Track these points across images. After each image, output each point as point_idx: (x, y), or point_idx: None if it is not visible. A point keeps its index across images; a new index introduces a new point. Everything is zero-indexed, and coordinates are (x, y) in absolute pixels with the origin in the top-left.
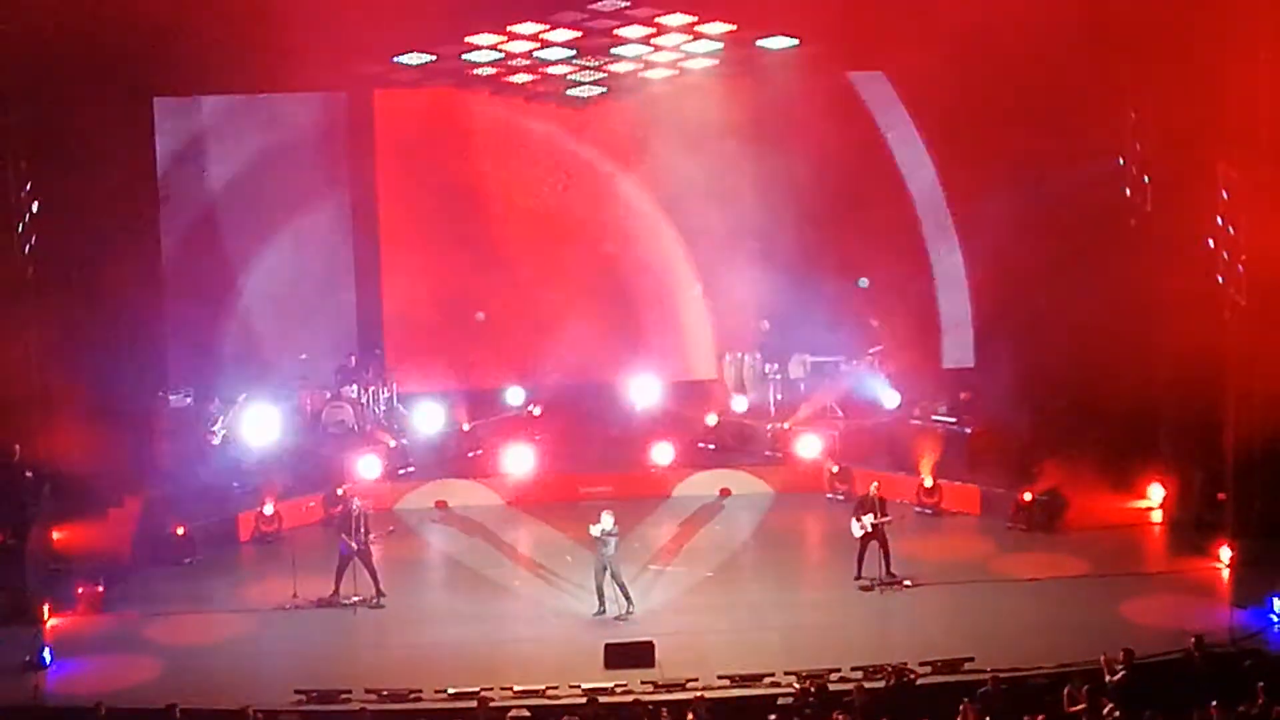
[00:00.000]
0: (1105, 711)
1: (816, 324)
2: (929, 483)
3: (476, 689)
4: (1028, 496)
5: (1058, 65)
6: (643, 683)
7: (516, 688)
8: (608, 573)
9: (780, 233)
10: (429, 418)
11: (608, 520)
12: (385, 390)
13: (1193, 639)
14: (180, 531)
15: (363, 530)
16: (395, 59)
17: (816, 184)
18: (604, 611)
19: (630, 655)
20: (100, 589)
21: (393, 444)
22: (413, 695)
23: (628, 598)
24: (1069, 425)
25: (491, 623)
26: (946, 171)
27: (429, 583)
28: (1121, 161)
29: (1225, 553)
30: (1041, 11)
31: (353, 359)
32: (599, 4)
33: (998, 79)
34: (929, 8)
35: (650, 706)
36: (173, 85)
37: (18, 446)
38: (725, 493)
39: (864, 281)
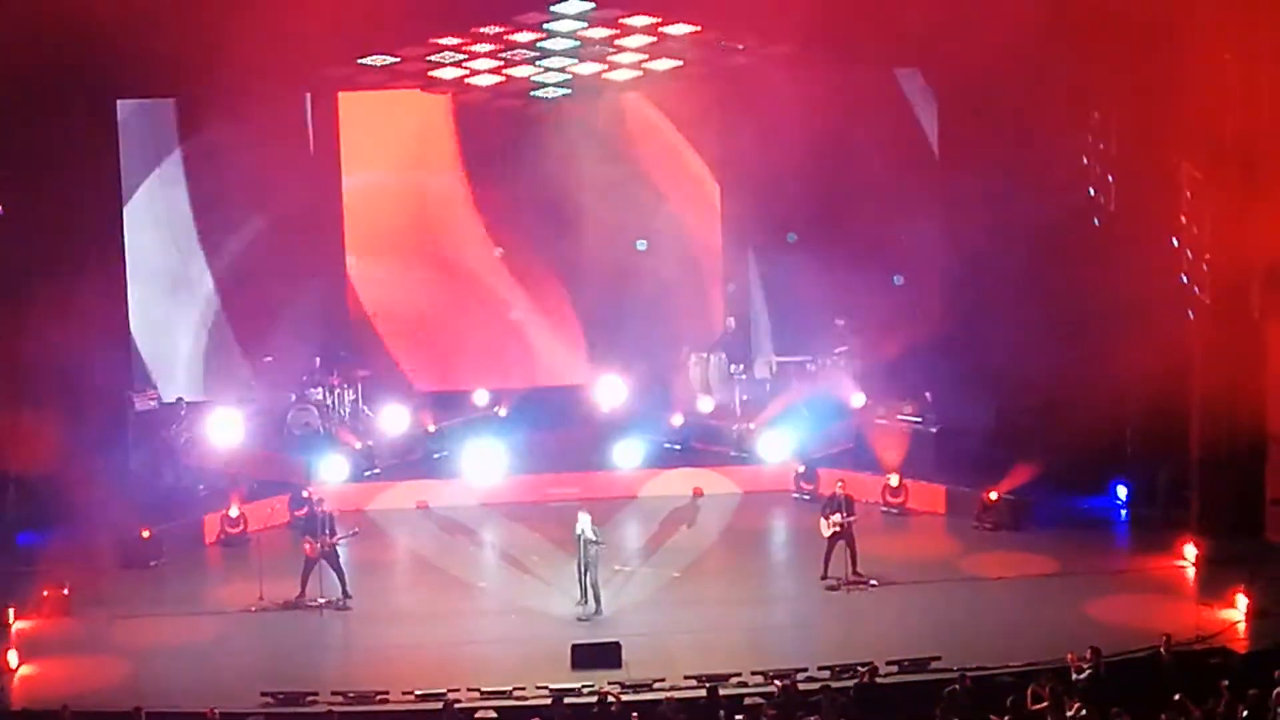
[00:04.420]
0: (1072, 710)
1: (782, 324)
2: (895, 482)
3: (443, 690)
4: (994, 495)
5: (1022, 66)
6: (610, 683)
7: (483, 689)
8: (589, 571)
9: (748, 232)
10: (395, 419)
11: (585, 519)
12: (350, 392)
13: (1162, 637)
14: (146, 534)
15: (328, 532)
16: (359, 61)
17: (785, 182)
18: (585, 603)
19: (597, 656)
20: (66, 592)
21: (358, 446)
22: (379, 697)
23: (597, 599)
24: (1034, 424)
25: (458, 624)
26: (913, 172)
27: (395, 584)
28: (1085, 161)
29: (1190, 550)
30: (1005, 14)
31: (318, 361)
32: (563, 5)
33: (961, 81)
34: (891, 12)
35: (615, 708)
36: (135, 88)
37: None
38: (698, 492)
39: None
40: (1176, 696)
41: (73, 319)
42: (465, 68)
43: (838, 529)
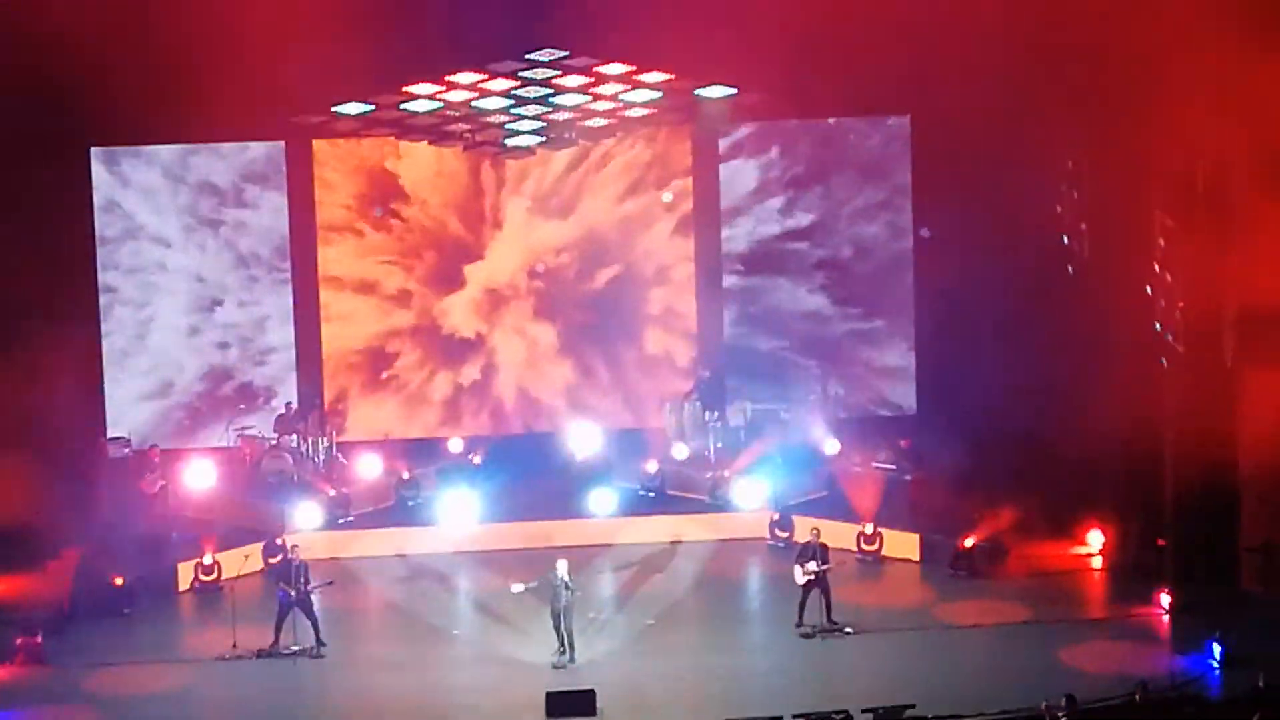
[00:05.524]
0: None
1: (757, 371)
2: (869, 529)
3: None
4: (968, 543)
5: (995, 115)
6: None
7: None
8: (564, 618)
9: (721, 279)
10: (369, 466)
11: (562, 568)
12: (324, 439)
13: (1137, 685)
14: (119, 582)
15: (302, 580)
16: (333, 109)
17: (761, 228)
18: (564, 651)
19: (572, 704)
20: (38, 640)
21: (332, 493)
22: None
23: (571, 646)
24: (1009, 471)
25: (433, 671)
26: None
27: (369, 632)
28: (1059, 210)
29: (1165, 598)
30: (979, 61)
31: (291, 408)
32: (537, 54)
33: (936, 128)
34: (865, 59)
35: None
36: (110, 135)
37: None
38: (674, 540)
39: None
40: None
41: (45, 366)
42: (440, 115)
43: (812, 576)
